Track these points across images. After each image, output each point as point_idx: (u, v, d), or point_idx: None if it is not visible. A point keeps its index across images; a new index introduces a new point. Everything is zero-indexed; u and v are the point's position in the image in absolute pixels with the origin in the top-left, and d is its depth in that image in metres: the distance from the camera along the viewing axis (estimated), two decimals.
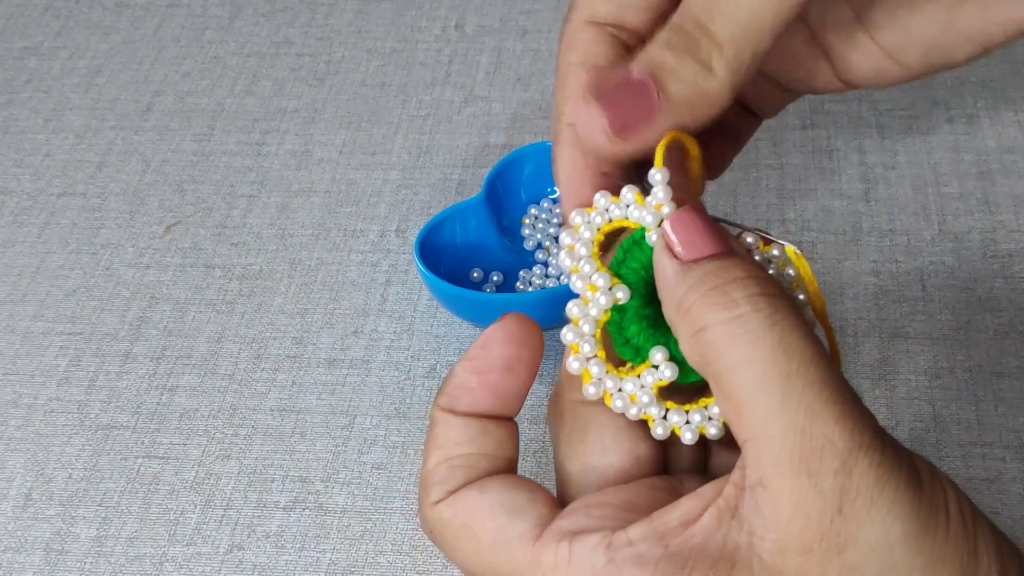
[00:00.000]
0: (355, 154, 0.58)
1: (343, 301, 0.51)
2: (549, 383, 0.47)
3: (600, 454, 0.31)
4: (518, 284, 0.50)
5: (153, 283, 0.53)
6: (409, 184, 0.56)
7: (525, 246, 0.51)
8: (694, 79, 0.29)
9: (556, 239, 0.52)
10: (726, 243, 0.28)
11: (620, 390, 0.30)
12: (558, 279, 0.50)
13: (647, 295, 0.30)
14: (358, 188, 0.56)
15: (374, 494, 0.44)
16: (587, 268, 0.30)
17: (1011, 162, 0.53)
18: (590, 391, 0.30)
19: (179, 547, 0.43)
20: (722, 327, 0.26)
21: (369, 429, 0.46)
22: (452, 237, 0.50)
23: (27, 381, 0.50)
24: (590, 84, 0.30)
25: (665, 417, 0.30)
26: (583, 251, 0.31)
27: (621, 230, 0.31)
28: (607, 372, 0.30)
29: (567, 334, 0.31)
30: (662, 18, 0.31)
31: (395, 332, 0.50)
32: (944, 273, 0.49)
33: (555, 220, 0.52)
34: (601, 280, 0.30)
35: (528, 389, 0.31)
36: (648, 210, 0.30)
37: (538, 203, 0.53)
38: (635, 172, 0.32)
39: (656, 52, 0.29)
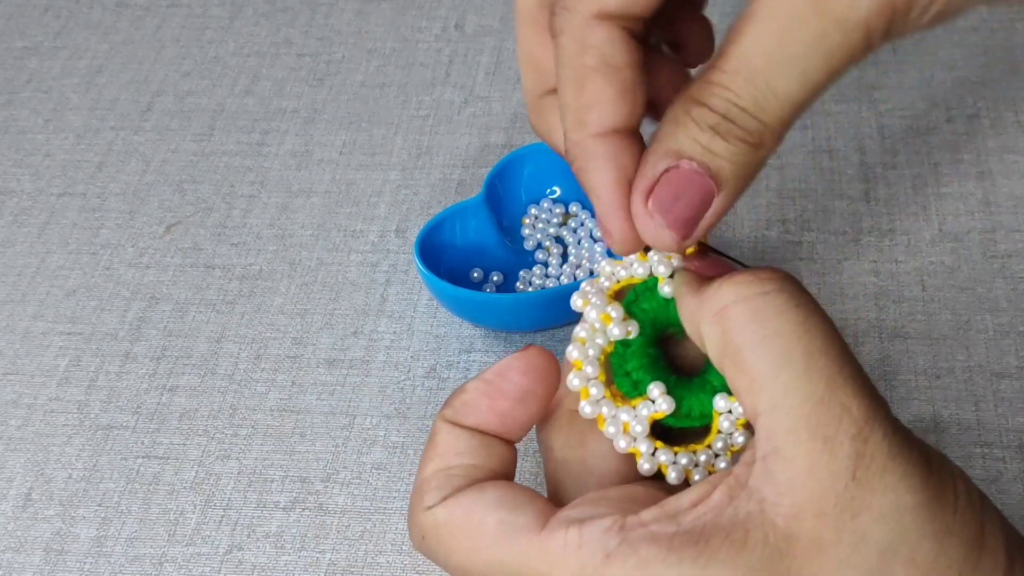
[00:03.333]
0: (355, 154, 0.58)
1: (343, 301, 0.51)
2: None
3: (600, 459, 0.31)
4: (518, 284, 0.50)
5: (153, 283, 0.53)
6: (409, 184, 0.56)
7: (525, 246, 0.51)
8: (747, 158, 0.29)
9: (556, 239, 0.52)
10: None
11: (614, 416, 0.30)
12: (558, 279, 0.50)
13: (652, 336, 0.32)
14: (358, 188, 0.56)
15: (374, 494, 0.44)
16: (600, 301, 0.31)
17: (1011, 162, 0.53)
18: (586, 409, 0.31)
19: (179, 547, 0.43)
20: (748, 302, 0.27)
21: (369, 429, 0.46)
22: (452, 237, 0.50)
23: (27, 381, 0.50)
24: (638, 186, 0.30)
25: (654, 454, 0.30)
26: (596, 294, 0.31)
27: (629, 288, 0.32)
28: (605, 396, 0.31)
29: (572, 351, 0.31)
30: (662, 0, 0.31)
31: (395, 332, 0.50)
32: (944, 273, 0.49)
33: (555, 220, 0.52)
34: (615, 312, 0.31)
35: (535, 421, 0.31)
36: (661, 260, 0.31)
37: (538, 203, 0.53)
38: None
39: (703, 138, 0.29)
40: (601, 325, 0.31)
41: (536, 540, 0.28)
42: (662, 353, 0.32)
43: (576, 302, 0.32)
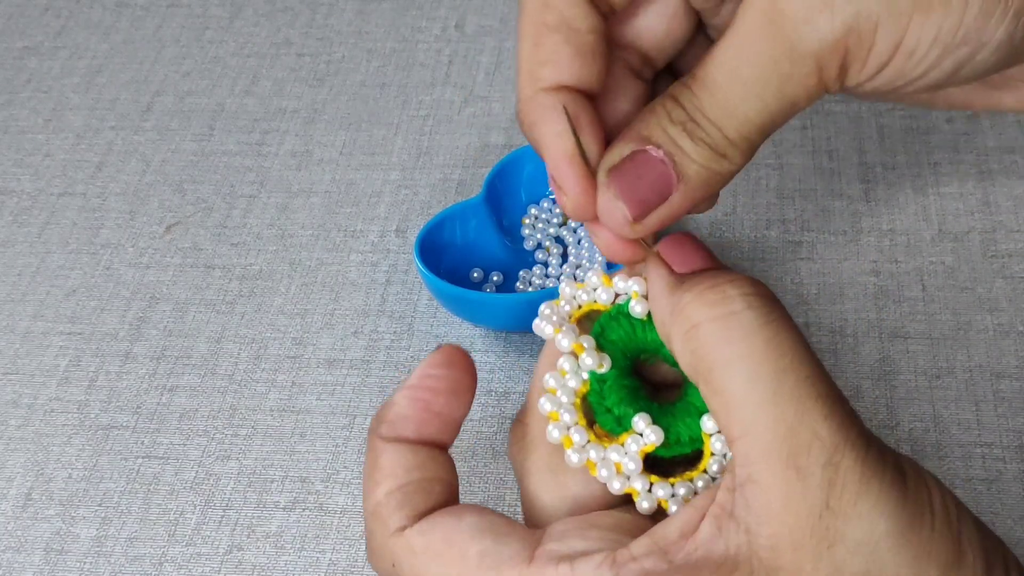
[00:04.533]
0: (355, 154, 0.58)
1: (343, 301, 0.51)
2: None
3: (582, 485, 0.30)
4: (518, 284, 0.50)
5: (153, 283, 0.53)
6: (409, 184, 0.56)
7: (525, 246, 0.51)
8: (710, 164, 0.29)
9: (556, 239, 0.52)
10: (717, 259, 0.29)
11: (604, 458, 0.29)
12: (558, 279, 0.50)
13: (625, 367, 0.31)
14: (358, 188, 0.56)
15: None
16: (571, 330, 0.30)
17: (1011, 162, 0.53)
18: (573, 459, 0.29)
19: (179, 547, 0.43)
20: (717, 323, 0.27)
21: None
22: (452, 237, 0.50)
23: (27, 381, 0.50)
24: (604, 164, 0.30)
25: (650, 490, 0.29)
26: (563, 321, 0.31)
27: (589, 315, 0.31)
28: (590, 441, 0.30)
29: (545, 404, 0.30)
30: None
31: (395, 332, 0.50)
32: (944, 273, 0.49)
33: (555, 220, 0.52)
34: (587, 343, 0.30)
35: (464, 419, 0.31)
36: (636, 281, 0.30)
37: (538, 203, 0.53)
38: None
39: (672, 131, 0.29)
40: (571, 364, 0.30)
41: (524, 575, 0.27)
42: (638, 383, 0.31)
43: (543, 328, 0.30)
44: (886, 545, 0.25)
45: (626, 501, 0.30)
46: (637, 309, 0.30)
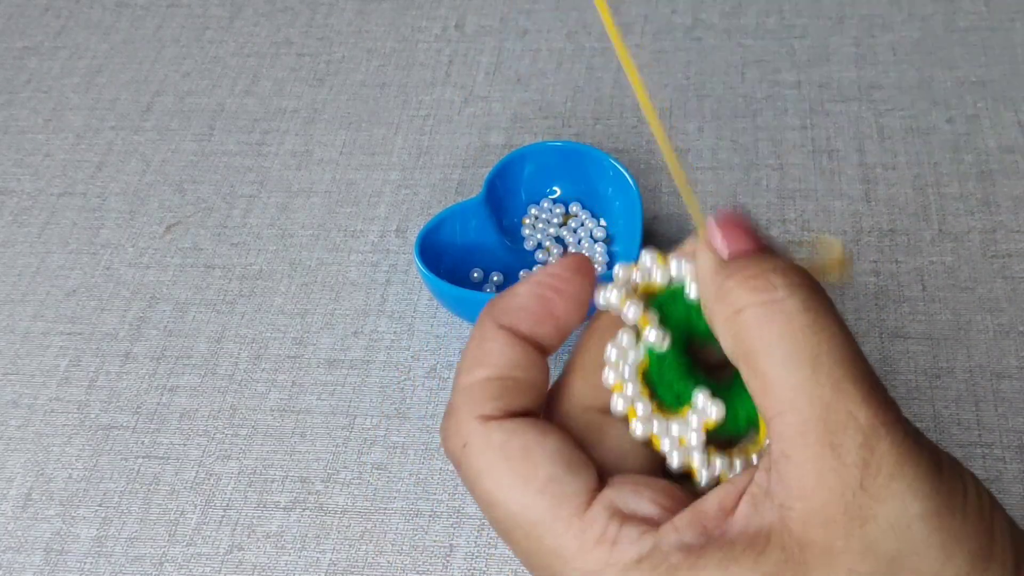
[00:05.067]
0: (355, 154, 0.58)
1: (343, 301, 0.51)
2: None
3: (620, 458, 0.30)
4: None
5: (153, 283, 0.53)
6: (409, 184, 0.56)
7: (525, 246, 0.51)
8: None
9: (556, 239, 0.52)
10: (765, 241, 0.29)
11: (667, 430, 0.30)
12: None
13: (682, 345, 0.31)
14: (358, 188, 0.56)
15: (374, 494, 0.44)
16: (637, 302, 0.30)
17: (1011, 162, 0.53)
18: (637, 431, 0.30)
19: (179, 547, 0.43)
20: (759, 308, 0.27)
21: (369, 429, 0.46)
22: (452, 237, 0.50)
23: (27, 381, 0.50)
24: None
25: (709, 464, 0.30)
26: (618, 298, 0.31)
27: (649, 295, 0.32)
28: (653, 412, 0.30)
29: (608, 375, 0.30)
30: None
31: (395, 332, 0.50)
32: (944, 273, 0.49)
33: (555, 220, 0.52)
34: (652, 316, 0.30)
35: (575, 330, 0.31)
36: (682, 264, 0.30)
37: (538, 203, 0.53)
38: None
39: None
40: (629, 339, 0.30)
41: (577, 519, 0.27)
42: (693, 361, 0.31)
43: (609, 297, 0.30)
44: (918, 528, 0.25)
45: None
46: (691, 293, 0.30)
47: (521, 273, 0.50)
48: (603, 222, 0.52)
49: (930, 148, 0.55)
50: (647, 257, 0.31)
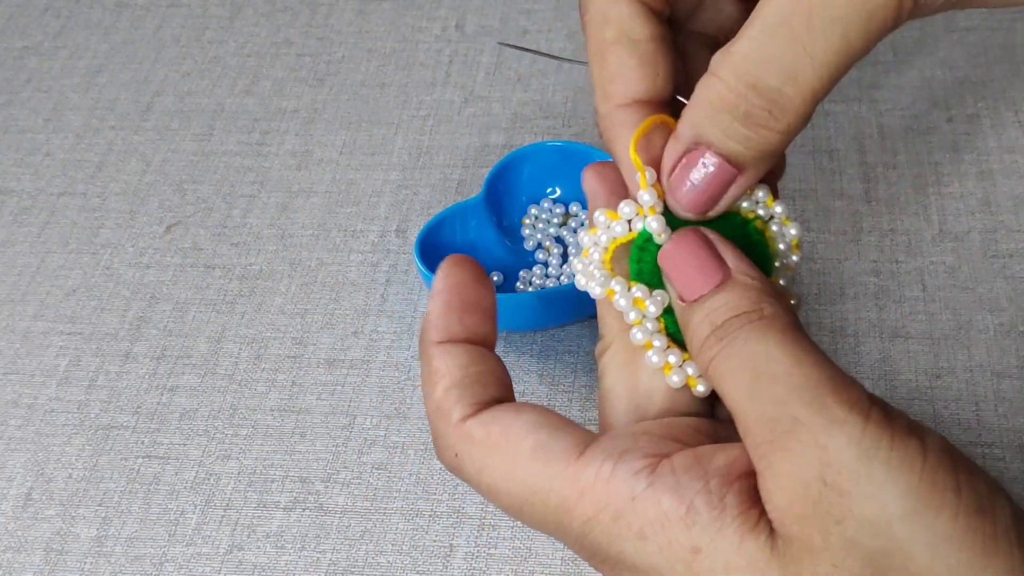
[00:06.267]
0: (355, 154, 0.58)
1: (343, 301, 0.51)
2: (549, 382, 0.47)
3: (650, 375, 0.32)
4: (518, 284, 0.50)
5: (153, 283, 0.53)
6: (409, 184, 0.56)
7: (525, 246, 0.51)
8: (768, 146, 0.30)
9: (556, 239, 0.52)
10: (720, 267, 0.30)
11: (680, 366, 0.31)
12: (558, 279, 0.50)
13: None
14: (358, 188, 0.56)
15: (374, 494, 0.44)
16: (624, 294, 0.32)
17: (1011, 162, 0.53)
18: (653, 359, 0.31)
19: (179, 547, 0.43)
20: (715, 361, 0.29)
21: (369, 429, 0.46)
22: (452, 237, 0.50)
23: (27, 381, 0.50)
24: (665, 170, 0.31)
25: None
26: (606, 278, 0.32)
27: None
28: (669, 347, 0.32)
29: (637, 334, 0.32)
30: None
31: (395, 332, 0.50)
32: (944, 273, 0.49)
33: (555, 220, 0.52)
34: (639, 292, 0.32)
35: (494, 310, 0.32)
36: (655, 218, 0.32)
37: (538, 203, 0.53)
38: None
39: (723, 123, 0.29)
40: (644, 292, 0.32)
41: (571, 468, 0.28)
42: None
43: (592, 289, 0.32)
44: (899, 528, 0.25)
45: (687, 412, 0.32)
46: (654, 226, 0.31)
47: (521, 273, 0.50)
48: None
49: (930, 148, 0.55)
50: (600, 217, 0.32)
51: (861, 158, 0.54)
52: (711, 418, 0.32)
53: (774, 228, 0.33)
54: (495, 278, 0.50)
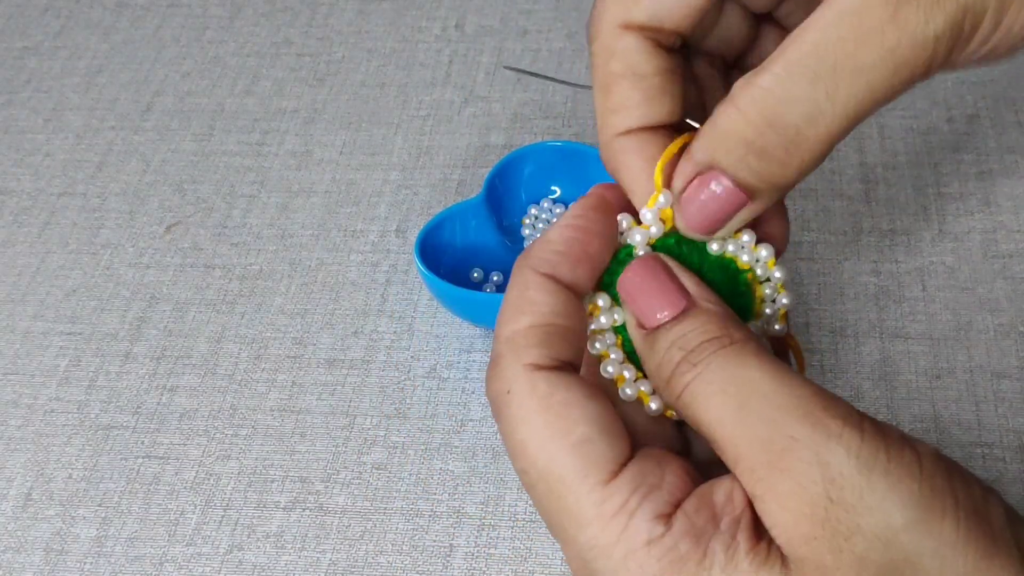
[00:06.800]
0: (355, 154, 0.58)
1: (343, 301, 0.51)
2: None
3: (626, 407, 0.31)
4: None
5: (153, 283, 0.53)
6: (409, 184, 0.56)
7: (525, 246, 0.51)
8: (781, 180, 0.29)
9: None
10: (682, 294, 0.30)
11: (634, 381, 0.31)
12: None
13: None
14: (358, 188, 0.56)
15: (374, 494, 0.44)
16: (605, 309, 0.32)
17: (1011, 162, 0.53)
18: (608, 370, 0.31)
19: (179, 547, 0.43)
20: (691, 387, 0.28)
21: (369, 429, 0.46)
22: (452, 237, 0.50)
23: (27, 381, 0.50)
24: (676, 191, 0.31)
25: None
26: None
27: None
28: (624, 362, 0.31)
29: (595, 345, 0.32)
30: (703, 15, 0.31)
31: (395, 332, 0.50)
32: (944, 273, 0.49)
33: (555, 220, 0.52)
34: (601, 301, 0.31)
35: (604, 268, 0.32)
36: (637, 230, 0.32)
37: (538, 203, 0.53)
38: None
39: (743, 157, 0.29)
40: (608, 318, 0.31)
41: (600, 487, 0.28)
42: None
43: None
44: (906, 538, 0.26)
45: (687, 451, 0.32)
46: (638, 239, 0.31)
47: None
48: None
49: (930, 148, 0.55)
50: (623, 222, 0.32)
51: (861, 158, 0.54)
52: (688, 456, 0.32)
53: (767, 291, 0.33)
54: (495, 278, 0.50)
